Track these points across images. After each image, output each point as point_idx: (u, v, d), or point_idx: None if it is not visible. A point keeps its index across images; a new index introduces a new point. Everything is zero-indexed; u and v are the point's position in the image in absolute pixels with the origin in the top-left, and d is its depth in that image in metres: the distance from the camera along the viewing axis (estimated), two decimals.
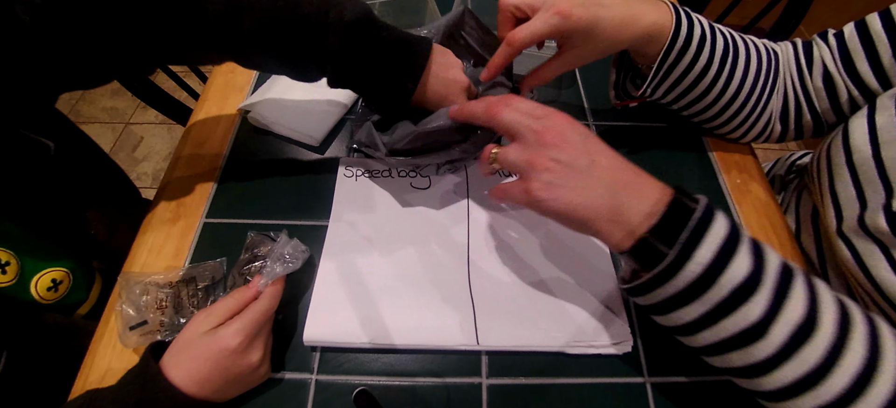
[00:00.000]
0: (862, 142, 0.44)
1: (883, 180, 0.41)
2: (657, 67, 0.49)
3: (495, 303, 0.46)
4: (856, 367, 0.29)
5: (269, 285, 0.40)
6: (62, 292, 0.48)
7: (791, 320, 0.29)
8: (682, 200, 0.32)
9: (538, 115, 0.36)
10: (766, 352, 0.30)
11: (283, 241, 0.43)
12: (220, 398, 0.38)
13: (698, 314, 0.31)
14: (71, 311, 0.50)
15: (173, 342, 0.38)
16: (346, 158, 0.57)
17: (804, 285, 0.31)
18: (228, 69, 0.68)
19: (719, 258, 0.29)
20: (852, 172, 0.45)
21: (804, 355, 0.29)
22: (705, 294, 0.30)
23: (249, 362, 0.38)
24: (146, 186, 1.63)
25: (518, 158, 0.36)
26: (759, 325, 0.30)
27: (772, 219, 0.55)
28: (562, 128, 0.35)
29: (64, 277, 0.48)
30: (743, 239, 0.31)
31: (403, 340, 0.43)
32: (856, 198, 0.44)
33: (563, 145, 0.34)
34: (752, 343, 0.30)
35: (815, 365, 0.29)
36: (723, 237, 0.30)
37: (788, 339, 0.29)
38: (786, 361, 0.30)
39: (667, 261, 0.30)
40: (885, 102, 0.43)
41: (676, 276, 0.30)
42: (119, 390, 0.36)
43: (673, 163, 0.59)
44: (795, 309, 0.29)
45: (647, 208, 0.32)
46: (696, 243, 0.30)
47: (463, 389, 0.42)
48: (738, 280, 0.29)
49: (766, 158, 0.77)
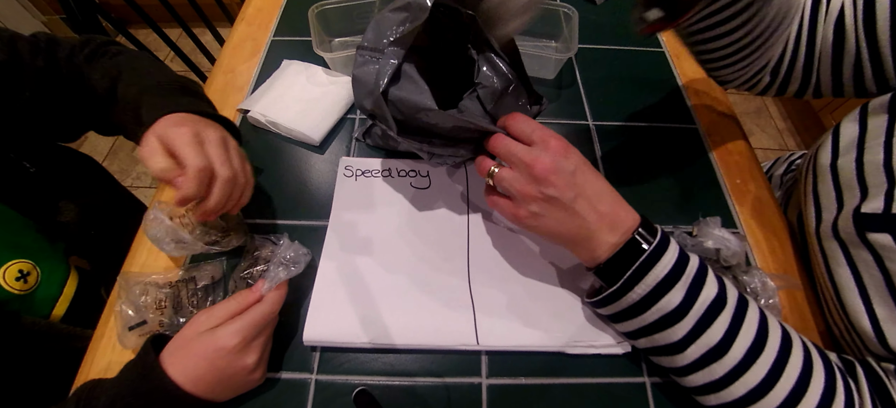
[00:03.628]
0: (848, 145, 0.44)
1: (860, 184, 0.42)
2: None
3: (495, 303, 0.46)
4: (754, 381, 0.35)
5: (272, 290, 0.40)
6: (32, 284, 0.49)
7: (706, 344, 0.36)
8: (638, 241, 0.37)
9: (534, 141, 0.40)
10: (682, 363, 0.37)
11: (286, 244, 0.43)
12: (213, 398, 0.38)
13: (635, 328, 0.39)
14: (44, 309, 0.50)
15: (173, 339, 0.38)
16: (346, 159, 0.57)
17: (730, 315, 0.36)
18: (228, 68, 0.68)
19: (654, 291, 0.36)
20: (834, 174, 0.45)
21: (712, 367, 0.36)
22: (640, 316, 0.38)
23: (245, 364, 0.38)
24: (146, 185, 1.63)
25: (511, 185, 0.40)
26: (679, 343, 0.37)
27: (771, 219, 0.55)
28: (551, 162, 0.38)
29: (31, 268, 0.49)
30: (684, 275, 0.36)
31: (403, 340, 0.43)
32: (834, 200, 0.45)
33: (551, 181, 0.38)
34: (673, 355, 0.38)
35: (721, 375, 0.36)
36: (661, 277, 0.36)
37: (700, 356, 0.36)
38: (696, 371, 0.37)
39: (613, 288, 0.38)
40: (878, 106, 0.43)
41: (620, 300, 0.38)
42: (118, 379, 0.37)
43: (673, 163, 0.59)
44: (712, 335, 0.36)
45: (613, 240, 0.38)
46: (638, 279, 0.36)
47: (463, 389, 0.42)
48: (667, 310, 0.36)
49: (766, 158, 0.77)
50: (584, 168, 0.39)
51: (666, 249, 0.37)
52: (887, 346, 0.38)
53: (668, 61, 0.72)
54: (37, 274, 0.49)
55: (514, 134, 0.42)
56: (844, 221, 0.42)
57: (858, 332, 0.40)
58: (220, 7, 1.09)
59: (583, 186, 0.38)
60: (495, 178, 0.42)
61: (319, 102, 0.61)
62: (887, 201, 0.39)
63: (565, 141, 0.39)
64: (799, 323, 0.48)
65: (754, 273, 0.46)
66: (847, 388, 0.35)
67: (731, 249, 0.45)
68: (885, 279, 0.38)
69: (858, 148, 0.43)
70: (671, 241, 0.38)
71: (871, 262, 0.39)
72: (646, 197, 0.55)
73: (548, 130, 0.40)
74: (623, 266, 0.37)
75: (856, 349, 0.42)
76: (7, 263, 0.47)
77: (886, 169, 0.40)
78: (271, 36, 0.74)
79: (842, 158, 0.45)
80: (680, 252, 0.37)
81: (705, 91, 0.68)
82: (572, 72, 0.70)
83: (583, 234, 0.39)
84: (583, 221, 0.38)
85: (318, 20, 0.65)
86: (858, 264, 0.41)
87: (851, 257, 0.41)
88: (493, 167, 0.42)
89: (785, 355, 0.35)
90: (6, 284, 0.46)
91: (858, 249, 0.40)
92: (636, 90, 0.68)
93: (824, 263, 0.45)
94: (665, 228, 0.38)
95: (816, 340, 0.47)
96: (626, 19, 0.79)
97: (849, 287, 0.41)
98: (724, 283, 0.38)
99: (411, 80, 0.44)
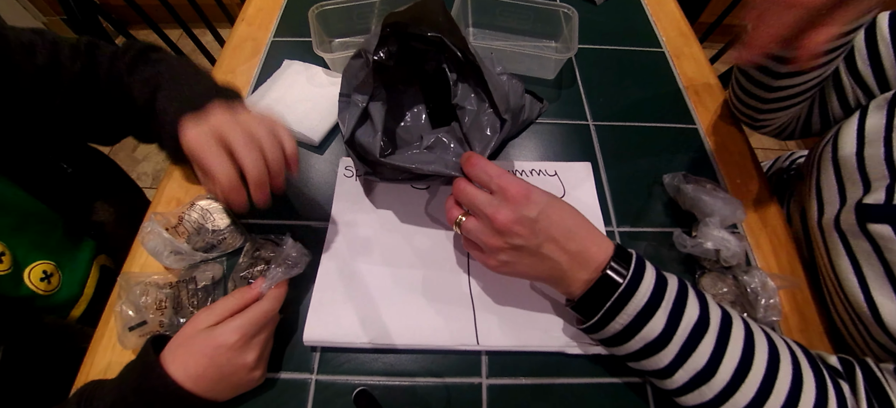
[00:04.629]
0: (849, 141, 0.45)
1: (862, 177, 0.43)
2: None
3: (495, 303, 0.46)
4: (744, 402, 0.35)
5: (272, 288, 0.40)
6: (55, 285, 0.49)
7: (692, 368, 0.36)
8: (610, 276, 0.37)
9: (493, 190, 0.39)
10: (672, 386, 0.37)
11: (289, 244, 0.43)
12: (214, 397, 0.38)
13: (623, 354, 0.39)
14: (65, 310, 0.51)
15: (173, 338, 0.38)
16: (346, 159, 0.57)
17: (714, 336, 0.36)
18: (228, 69, 0.68)
19: (636, 321, 0.36)
20: (837, 168, 0.46)
21: (701, 390, 0.36)
22: (626, 344, 0.38)
23: (245, 361, 0.38)
24: (146, 186, 1.63)
25: (477, 237, 0.40)
26: (667, 369, 0.37)
27: (771, 219, 0.55)
28: (512, 214, 0.37)
29: (53, 270, 0.49)
30: (664, 300, 0.36)
31: (403, 340, 0.43)
32: (837, 194, 0.45)
33: (514, 231, 0.37)
34: (663, 379, 0.38)
35: (711, 398, 0.36)
36: (641, 306, 0.36)
37: (688, 380, 0.36)
38: (687, 393, 0.37)
39: (591, 322, 0.38)
40: (879, 103, 0.44)
41: (603, 330, 0.38)
42: (119, 380, 0.37)
43: (673, 163, 0.59)
44: (698, 359, 0.36)
45: (585, 277, 0.38)
46: (617, 310, 0.36)
47: (463, 389, 0.42)
48: (651, 338, 0.36)
49: (766, 157, 0.77)
50: (548, 210, 0.38)
51: (642, 277, 0.36)
52: (889, 332, 0.38)
53: (668, 61, 0.72)
54: (59, 276, 0.50)
55: (474, 181, 0.41)
56: (847, 214, 0.42)
57: (862, 320, 0.41)
58: (220, 7, 1.09)
59: (548, 230, 0.37)
60: (462, 228, 0.41)
61: (319, 103, 0.61)
62: (888, 194, 0.39)
63: (525, 185, 0.38)
64: (800, 323, 0.48)
65: (754, 273, 0.45)
66: (839, 394, 0.35)
67: (730, 250, 0.45)
68: (884, 269, 0.39)
69: (858, 143, 0.44)
70: (647, 267, 0.37)
71: (871, 252, 0.40)
72: (646, 197, 0.56)
73: (506, 175, 0.39)
74: (599, 301, 0.37)
75: (861, 341, 0.43)
76: (33, 263, 0.47)
77: (888, 162, 0.41)
78: (271, 36, 0.74)
79: (842, 151, 0.45)
80: (657, 277, 0.37)
81: (705, 91, 0.68)
82: (572, 72, 0.70)
83: (556, 274, 0.39)
84: (554, 263, 0.38)
85: (318, 21, 0.65)
86: (858, 255, 0.41)
87: (851, 248, 0.42)
88: (460, 216, 0.41)
89: (773, 371, 0.35)
90: (31, 283, 0.46)
91: (858, 240, 0.41)
92: (636, 90, 0.68)
93: (827, 255, 0.45)
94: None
95: (818, 339, 0.47)
96: (627, 19, 0.79)
97: (848, 277, 0.41)
98: (706, 301, 0.38)
99: (372, 126, 0.47)
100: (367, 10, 0.69)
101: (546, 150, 0.60)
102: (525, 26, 0.73)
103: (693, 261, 0.50)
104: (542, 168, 0.57)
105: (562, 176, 0.56)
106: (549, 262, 0.38)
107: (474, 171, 0.40)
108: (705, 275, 0.48)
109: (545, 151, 0.60)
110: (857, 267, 0.41)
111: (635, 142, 0.61)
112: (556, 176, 0.56)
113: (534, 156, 0.59)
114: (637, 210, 0.54)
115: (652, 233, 0.52)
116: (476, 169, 0.40)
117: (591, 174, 0.56)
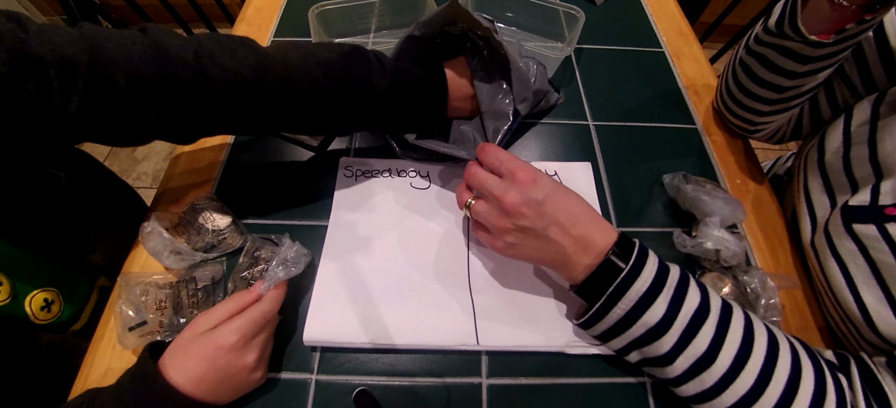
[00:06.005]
0: (835, 143, 0.45)
1: (849, 178, 0.43)
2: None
3: (495, 303, 0.46)
4: (744, 389, 0.35)
5: (271, 289, 0.40)
6: (55, 313, 0.48)
7: (693, 354, 0.36)
8: (613, 261, 0.37)
9: (502, 173, 0.41)
10: (672, 374, 0.37)
11: (287, 244, 0.43)
12: (215, 400, 0.38)
13: (624, 344, 0.39)
14: (64, 329, 0.50)
15: (172, 343, 0.38)
16: (346, 159, 0.57)
17: (714, 323, 0.36)
18: None
19: (637, 306, 0.37)
20: (823, 173, 0.46)
21: (702, 377, 0.36)
22: (627, 331, 0.38)
23: (245, 362, 0.37)
24: (146, 186, 1.63)
25: (485, 220, 0.42)
26: (667, 355, 0.37)
27: (771, 219, 0.55)
28: (520, 196, 0.39)
29: (55, 297, 0.48)
30: (665, 287, 0.37)
31: (403, 340, 0.43)
32: (826, 196, 0.46)
33: (521, 213, 0.39)
34: (663, 367, 0.38)
35: (711, 384, 0.36)
36: (642, 291, 0.36)
37: (689, 367, 0.36)
38: (687, 381, 0.37)
39: (594, 308, 0.39)
40: (863, 105, 0.44)
41: (605, 318, 0.39)
42: (118, 389, 0.36)
43: (673, 163, 0.59)
44: (698, 345, 0.36)
45: (588, 262, 0.39)
46: (619, 296, 0.37)
47: (463, 389, 0.42)
48: (652, 324, 0.36)
49: (766, 157, 0.77)
50: (553, 195, 0.39)
51: (644, 263, 0.37)
52: (878, 331, 0.38)
53: (668, 61, 0.72)
54: (60, 303, 0.49)
55: (484, 165, 0.43)
56: (833, 217, 0.43)
57: (852, 321, 0.41)
58: (220, 7, 1.09)
59: (553, 213, 0.39)
60: (472, 210, 0.43)
61: None
62: (873, 194, 0.40)
63: (533, 170, 0.40)
64: (799, 322, 0.48)
65: (754, 273, 0.45)
66: (838, 386, 0.35)
67: (730, 250, 0.45)
68: (870, 267, 0.39)
69: (844, 144, 0.45)
70: (649, 254, 0.38)
71: (856, 251, 0.40)
72: (646, 197, 0.56)
73: (516, 160, 0.41)
74: (602, 286, 0.38)
75: (853, 340, 0.43)
76: (34, 291, 0.46)
77: (872, 163, 0.42)
78: (271, 36, 0.74)
79: (828, 154, 0.46)
80: (660, 264, 0.38)
81: (705, 91, 0.68)
82: (572, 72, 0.70)
83: (560, 258, 0.40)
84: (558, 246, 0.39)
85: (318, 20, 0.65)
86: (843, 256, 0.42)
87: (836, 249, 0.42)
88: (470, 199, 0.43)
89: (772, 360, 0.35)
90: (32, 314, 0.46)
91: (843, 240, 0.41)
92: (636, 90, 0.68)
93: (816, 258, 0.45)
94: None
95: (817, 337, 0.47)
96: (626, 19, 0.79)
97: (836, 278, 0.42)
98: (707, 291, 0.38)
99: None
100: (367, 10, 0.69)
101: (546, 149, 0.60)
102: (533, 24, 0.73)
103: (693, 261, 0.50)
104: (542, 168, 0.57)
105: (562, 176, 0.56)
106: (554, 245, 0.39)
107: (486, 156, 0.42)
108: (705, 275, 0.48)
109: (545, 150, 0.60)
110: (844, 269, 0.41)
111: (635, 142, 0.61)
112: (556, 176, 0.56)
113: (534, 155, 0.59)
114: (637, 210, 0.54)
115: (652, 233, 0.52)
116: (488, 154, 0.42)
117: (591, 174, 0.57)
